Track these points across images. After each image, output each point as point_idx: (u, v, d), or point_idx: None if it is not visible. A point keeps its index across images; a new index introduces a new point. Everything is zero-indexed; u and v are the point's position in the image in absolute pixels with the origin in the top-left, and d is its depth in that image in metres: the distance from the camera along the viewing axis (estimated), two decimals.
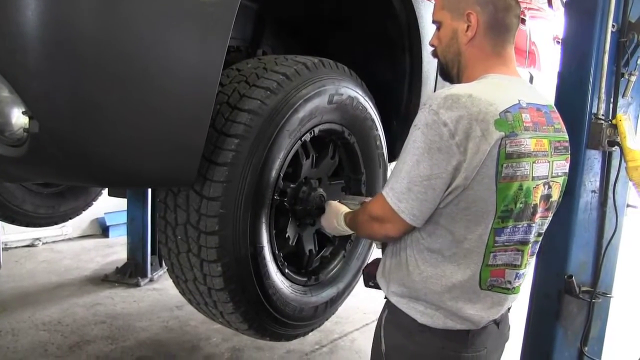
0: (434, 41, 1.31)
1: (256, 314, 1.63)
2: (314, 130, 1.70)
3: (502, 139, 1.06)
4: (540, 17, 3.68)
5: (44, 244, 4.56)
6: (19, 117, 1.11)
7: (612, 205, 1.81)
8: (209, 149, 1.39)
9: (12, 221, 3.05)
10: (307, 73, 1.59)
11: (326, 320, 2.06)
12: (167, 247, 1.58)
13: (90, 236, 4.97)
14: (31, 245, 4.48)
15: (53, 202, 3.20)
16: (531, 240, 1.20)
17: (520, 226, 1.16)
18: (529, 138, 1.11)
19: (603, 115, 1.72)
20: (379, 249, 1.39)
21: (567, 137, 1.25)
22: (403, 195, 1.11)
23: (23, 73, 1.03)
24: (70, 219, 3.48)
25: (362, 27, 2.15)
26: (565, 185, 1.26)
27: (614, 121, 1.72)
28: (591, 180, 1.77)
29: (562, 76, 1.80)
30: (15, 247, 4.36)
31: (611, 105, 1.76)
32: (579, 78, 1.73)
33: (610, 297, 1.89)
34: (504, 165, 1.08)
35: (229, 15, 1.26)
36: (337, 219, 1.52)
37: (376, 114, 1.98)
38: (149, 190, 3.59)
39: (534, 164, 1.12)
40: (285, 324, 1.75)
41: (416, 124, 1.11)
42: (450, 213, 1.12)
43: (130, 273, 3.74)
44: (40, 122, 1.07)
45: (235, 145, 1.41)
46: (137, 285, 3.63)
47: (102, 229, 5.06)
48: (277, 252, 1.69)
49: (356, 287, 2.10)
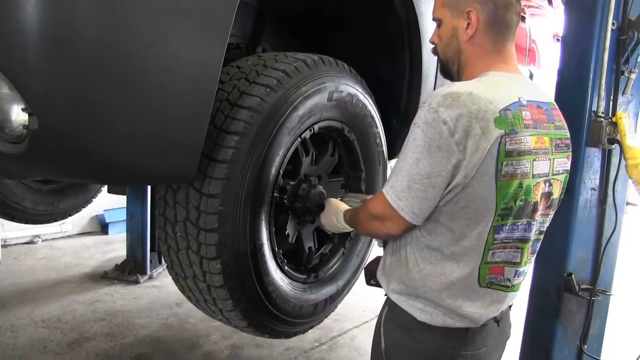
0: (434, 39, 1.30)
1: (255, 311, 1.63)
2: (313, 128, 1.70)
3: (501, 136, 1.06)
4: (540, 15, 3.69)
5: (43, 241, 4.55)
6: (18, 114, 1.12)
7: (611, 203, 1.81)
8: (208, 146, 1.39)
9: (12, 218, 3.05)
10: (307, 70, 1.59)
11: (325, 318, 2.06)
12: (167, 244, 1.58)
13: (89, 233, 4.96)
14: (30, 242, 4.47)
15: (52, 199, 3.19)
16: (531, 238, 1.20)
17: (519, 224, 1.16)
18: (529, 135, 1.11)
19: (603, 112, 1.71)
20: (381, 247, 1.39)
21: (568, 134, 1.25)
22: (403, 194, 1.11)
23: (23, 70, 1.03)
24: (69, 216, 3.47)
25: (362, 24, 2.15)
26: (567, 183, 1.26)
27: (613, 119, 1.71)
28: (591, 178, 1.77)
29: (562, 74, 1.80)
30: (15, 244, 4.36)
31: (611, 102, 1.76)
32: (578, 76, 1.73)
33: (610, 294, 1.89)
34: (504, 163, 1.07)
35: (228, 12, 1.26)
36: (336, 216, 1.52)
37: (376, 111, 1.97)
38: (149, 187, 3.59)
39: (535, 162, 1.12)
40: (284, 322, 1.75)
41: (416, 122, 1.11)
42: (450, 211, 1.12)
43: (129, 270, 3.73)
44: (40, 119, 1.07)
45: (235, 142, 1.41)
46: (137, 282, 3.63)
47: (101, 226, 5.06)
48: (276, 249, 1.70)
49: (355, 284, 2.10)
